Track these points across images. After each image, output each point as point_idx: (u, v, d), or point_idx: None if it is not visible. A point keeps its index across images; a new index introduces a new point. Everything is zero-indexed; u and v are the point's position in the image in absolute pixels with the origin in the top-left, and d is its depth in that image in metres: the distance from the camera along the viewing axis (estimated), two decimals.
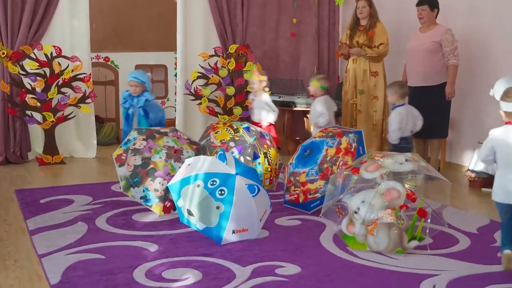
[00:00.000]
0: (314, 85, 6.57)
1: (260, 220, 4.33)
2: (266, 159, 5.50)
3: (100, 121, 8.58)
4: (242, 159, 5.31)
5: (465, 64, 6.59)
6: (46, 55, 6.94)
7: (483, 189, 5.88)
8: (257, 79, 6.93)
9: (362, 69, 6.92)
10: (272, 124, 6.92)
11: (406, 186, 4.04)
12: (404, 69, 6.69)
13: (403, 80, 6.19)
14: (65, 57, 7.05)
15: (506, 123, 3.78)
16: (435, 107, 6.30)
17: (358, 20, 6.99)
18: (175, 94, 8.30)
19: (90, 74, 7.34)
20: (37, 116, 7.04)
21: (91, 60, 7.77)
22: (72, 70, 7.08)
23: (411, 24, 6.84)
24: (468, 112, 6.73)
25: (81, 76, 7.15)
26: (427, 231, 4.09)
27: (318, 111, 6.44)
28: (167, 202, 4.83)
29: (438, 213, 4.31)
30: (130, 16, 9.40)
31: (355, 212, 4.00)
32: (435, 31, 6.34)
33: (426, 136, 6.48)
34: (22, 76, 6.91)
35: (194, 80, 7.71)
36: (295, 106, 7.83)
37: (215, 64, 7.74)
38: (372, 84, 6.90)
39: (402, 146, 5.73)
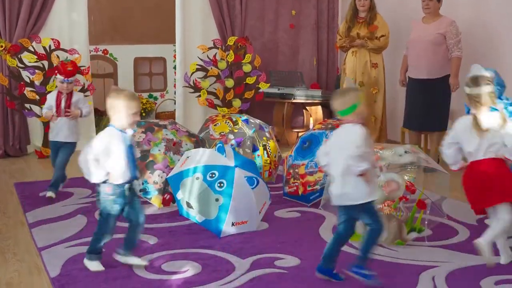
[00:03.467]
0: None
1: (260, 212, 4.33)
2: (265, 152, 5.49)
3: (99, 114, 8.56)
4: (241, 152, 5.31)
5: (468, 56, 6.58)
6: (44, 48, 6.92)
7: None
8: None
9: (362, 61, 6.89)
10: None
11: (405, 177, 4.05)
12: (403, 60, 6.65)
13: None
14: (63, 50, 7.03)
15: None
16: (436, 99, 6.29)
17: (356, 11, 6.95)
18: (174, 86, 8.29)
19: (88, 67, 7.32)
20: (36, 109, 7.02)
21: (90, 52, 7.76)
22: None
23: (412, 15, 6.81)
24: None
25: (80, 68, 7.14)
26: (426, 222, 4.10)
27: None
28: (166, 195, 4.83)
29: (437, 205, 4.32)
30: (129, 8, 9.37)
31: None
32: (439, 22, 6.28)
33: (426, 129, 6.47)
34: (21, 69, 6.89)
35: (193, 73, 7.69)
36: (294, 98, 7.81)
37: (214, 56, 7.73)
38: (373, 76, 6.88)
39: None
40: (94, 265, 3.55)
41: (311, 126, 7.84)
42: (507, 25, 6.23)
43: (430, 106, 6.27)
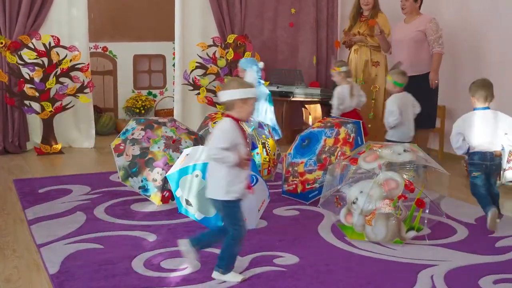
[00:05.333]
0: (388, 80, 5.77)
1: (258, 210, 4.34)
2: (264, 149, 5.50)
3: (98, 111, 8.57)
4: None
5: (459, 53, 6.62)
6: (44, 44, 6.92)
7: None
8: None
9: (363, 59, 6.91)
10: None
11: (405, 176, 4.05)
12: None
13: (402, 69, 5.84)
14: (63, 47, 7.02)
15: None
16: (422, 96, 6.30)
17: (359, 10, 6.96)
18: (173, 84, 8.28)
19: (88, 64, 7.32)
20: (36, 106, 7.03)
21: (89, 50, 7.75)
22: (70, 60, 7.06)
23: None
24: (464, 102, 6.71)
25: (79, 66, 7.14)
26: (425, 221, 4.10)
27: (388, 109, 5.61)
28: (165, 192, 4.83)
29: (436, 204, 4.32)
30: (128, 5, 9.36)
31: (353, 202, 4.00)
32: (419, 20, 6.36)
33: (415, 127, 6.48)
34: (20, 66, 6.89)
35: (192, 70, 7.69)
36: (293, 96, 7.82)
37: (214, 54, 7.72)
38: (373, 74, 6.89)
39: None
40: None
41: (310, 124, 7.84)
42: (490, 23, 6.32)
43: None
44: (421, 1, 6.44)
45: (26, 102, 6.94)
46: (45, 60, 6.94)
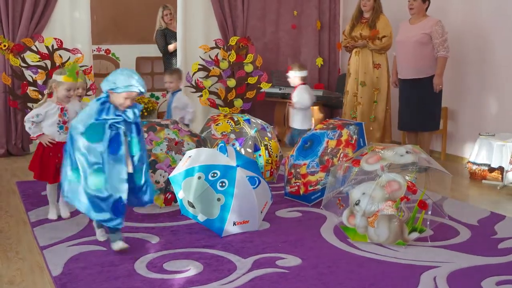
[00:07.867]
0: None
1: (261, 212, 4.34)
2: (266, 151, 5.50)
3: None
4: (243, 151, 5.31)
5: (464, 56, 6.61)
6: (47, 47, 6.94)
7: (483, 181, 5.88)
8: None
9: (365, 62, 6.90)
10: None
11: (407, 178, 4.05)
12: (394, 61, 6.70)
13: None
14: (66, 49, 7.05)
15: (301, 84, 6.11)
16: (426, 99, 6.31)
17: (361, 12, 6.96)
18: None
19: (91, 66, 7.34)
20: None
21: (92, 52, 7.77)
22: (73, 62, 7.08)
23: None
24: (467, 104, 6.73)
25: (82, 68, 7.15)
26: (428, 223, 4.10)
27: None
28: (168, 194, 4.84)
29: (438, 205, 4.32)
30: (131, 8, 9.39)
31: (356, 204, 4.00)
32: (425, 22, 6.32)
33: (417, 129, 6.48)
34: (24, 69, 6.91)
35: (195, 72, 7.70)
36: None
37: (216, 56, 7.74)
38: (375, 77, 6.88)
39: None
40: None
41: (312, 126, 7.84)
42: (501, 23, 6.28)
43: (419, 106, 6.31)
44: (429, 2, 6.41)
45: (29, 104, 6.95)
46: (48, 62, 6.96)
